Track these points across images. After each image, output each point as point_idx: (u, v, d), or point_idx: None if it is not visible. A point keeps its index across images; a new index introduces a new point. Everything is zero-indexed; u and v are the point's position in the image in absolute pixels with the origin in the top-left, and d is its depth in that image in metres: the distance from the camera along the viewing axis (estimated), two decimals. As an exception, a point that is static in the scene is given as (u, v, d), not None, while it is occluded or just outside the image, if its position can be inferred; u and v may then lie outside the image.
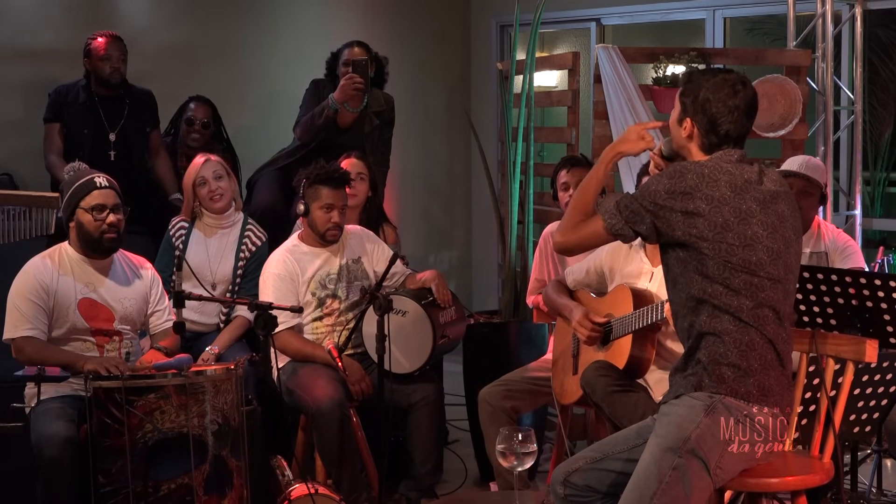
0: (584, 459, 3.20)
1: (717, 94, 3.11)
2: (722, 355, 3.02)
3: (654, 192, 3.04)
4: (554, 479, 3.21)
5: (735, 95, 3.11)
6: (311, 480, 3.95)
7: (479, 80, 8.00)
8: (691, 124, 3.15)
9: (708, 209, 3.00)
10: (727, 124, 3.11)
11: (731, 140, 3.13)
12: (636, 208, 3.07)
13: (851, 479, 4.26)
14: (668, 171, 3.07)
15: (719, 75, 3.16)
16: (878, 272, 4.34)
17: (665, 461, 2.98)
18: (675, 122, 3.21)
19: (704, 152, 3.16)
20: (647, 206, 3.05)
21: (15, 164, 5.64)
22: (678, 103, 3.21)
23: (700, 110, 3.12)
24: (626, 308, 3.88)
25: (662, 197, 3.03)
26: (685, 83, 3.20)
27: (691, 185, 3.01)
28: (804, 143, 5.96)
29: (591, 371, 3.86)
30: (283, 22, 6.91)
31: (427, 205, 7.93)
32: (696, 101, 3.13)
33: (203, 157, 4.88)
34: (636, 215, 3.07)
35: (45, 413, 3.83)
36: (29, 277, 4.03)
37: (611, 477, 3.16)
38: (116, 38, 5.47)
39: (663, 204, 3.03)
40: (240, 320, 4.72)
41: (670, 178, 3.04)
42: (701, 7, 7.06)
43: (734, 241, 3.01)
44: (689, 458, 2.98)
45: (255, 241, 4.87)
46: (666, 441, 3.01)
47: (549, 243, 4.90)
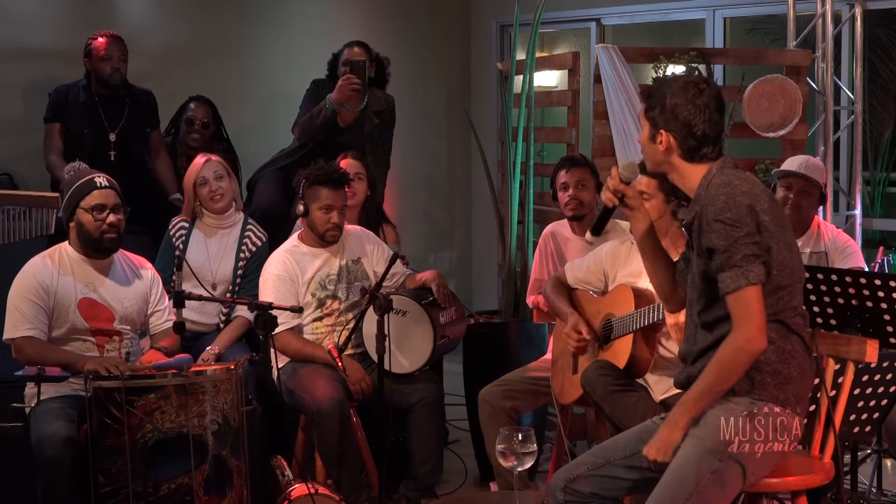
0: (584, 466, 3.18)
1: (684, 96, 3.06)
2: (764, 361, 3.00)
3: (744, 235, 2.94)
4: (553, 486, 3.20)
5: (701, 94, 3.07)
6: (311, 480, 3.94)
7: (479, 80, 8.00)
8: (666, 135, 3.09)
9: (769, 221, 2.98)
10: (701, 124, 3.06)
11: (709, 141, 3.08)
12: (748, 253, 2.94)
13: (851, 479, 4.26)
14: (723, 214, 2.95)
15: (680, 79, 3.12)
16: (878, 272, 4.34)
17: (704, 464, 2.96)
18: (648, 140, 3.14)
19: (687, 160, 3.10)
20: (754, 252, 2.95)
21: (15, 164, 5.64)
22: (644, 121, 3.14)
23: (671, 117, 3.07)
24: (626, 308, 3.88)
25: (751, 235, 2.95)
26: (647, 98, 3.15)
27: (749, 207, 2.96)
28: (804, 143, 5.96)
29: (592, 370, 3.86)
30: (284, 22, 6.91)
31: (427, 205, 7.93)
32: (665, 110, 3.08)
33: (204, 158, 4.88)
34: (754, 257, 2.95)
35: (45, 413, 3.83)
36: (29, 277, 4.02)
37: (614, 483, 3.15)
38: (117, 38, 5.47)
39: (757, 241, 2.95)
40: (240, 320, 4.72)
41: (736, 214, 2.94)
42: (701, 7, 7.07)
43: (783, 248, 3.01)
44: (728, 462, 2.97)
45: (256, 241, 4.87)
46: (705, 443, 2.98)
47: (549, 243, 4.90)
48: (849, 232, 5.85)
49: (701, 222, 3.02)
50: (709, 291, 3.05)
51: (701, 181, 3.09)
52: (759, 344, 2.94)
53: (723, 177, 3.04)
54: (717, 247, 2.95)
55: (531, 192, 5.79)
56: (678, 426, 3.01)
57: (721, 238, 2.95)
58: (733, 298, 2.94)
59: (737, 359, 2.95)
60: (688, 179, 3.13)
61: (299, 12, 6.97)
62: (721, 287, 2.96)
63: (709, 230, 2.98)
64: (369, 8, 7.42)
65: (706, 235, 2.99)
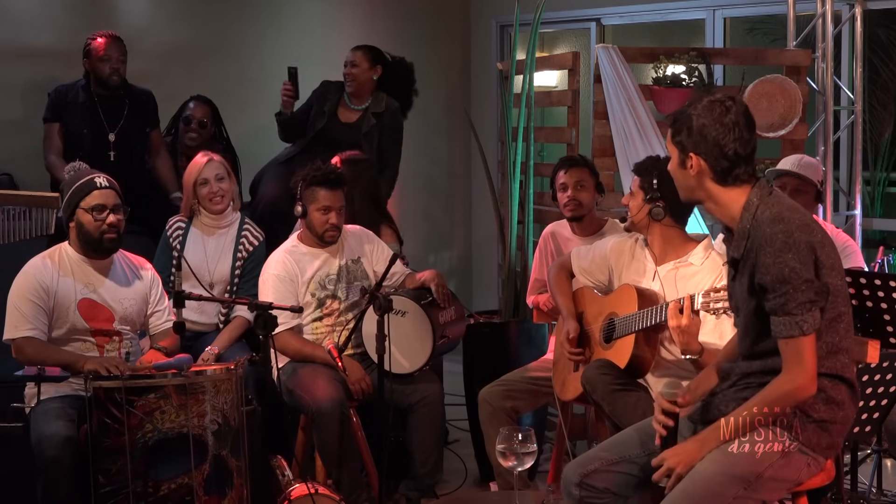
0: (599, 461, 3.17)
1: (711, 116, 2.97)
2: (811, 408, 2.98)
3: (802, 282, 2.87)
4: (567, 480, 3.18)
5: (728, 111, 2.97)
6: (311, 480, 3.94)
7: (479, 80, 8.00)
8: (696, 159, 2.99)
9: (825, 255, 2.93)
10: (732, 143, 2.96)
11: (741, 160, 2.98)
12: (804, 301, 2.88)
13: (851, 479, 4.26)
14: (782, 255, 2.87)
15: (705, 99, 3.02)
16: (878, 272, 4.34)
17: (732, 488, 2.95)
18: (677, 167, 3.06)
19: (720, 183, 3.00)
20: (810, 298, 2.89)
21: (15, 164, 5.64)
22: (672, 148, 3.05)
23: (700, 139, 2.97)
24: (630, 307, 3.88)
25: (810, 282, 2.88)
26: (672, 124, 3.05)
27: (809, 245, 2.90)
28: (804, 143, 5.96)
29: (592, 369, 3.86)
30: (284, 22, 6.91)
31: (427, 205, 7.93)
32: (693, 132, 2.98)
33: (206, 157, 4.87)
34: (810, 304, 2.89)
35: (45, 413, 3.83)
36: (29, 278, 4.02)
37: (630, 480, 3.16)
38: (116, 38, 5.46)
39: (816, 287, 2.90)
40: (239, 320, 4.72)
41: (796, 256, 2.87)
42: (701, 7, 7.06)
43: (836, 277, 2.97)
44: (752, 490, 2.96)
45: (252, 240, 4.87)
46: (737, 469, 2.96)
47: (549, 243, 4.90)
48: (849, 232, 5.85)
49: (756, 262, 2.93)
50: (760, 326, 3.00)
51: (743, 213, 2.99)
52: (808, 392, 2.93)
53: (771, 208, 2.95)
54: (775, 290, 2.89)
55: (531, 192, 5.79)
56: (707, 446, 2.99)
57: (779, 281, 2.88)
58: (785, 345, 2.92)
59: (783, 401, 2.94)
60: (725, 207, 3.03)
61: (300, 12, 6.97)
62: (774, 331, 2.93)
63: (766, 273, 2.90)
64: (369, 7, 7.42)
65: (763, 279, 2.91)
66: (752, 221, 2.96)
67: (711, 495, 2.95)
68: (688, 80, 5.81)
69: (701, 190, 3.04)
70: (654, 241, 3.97)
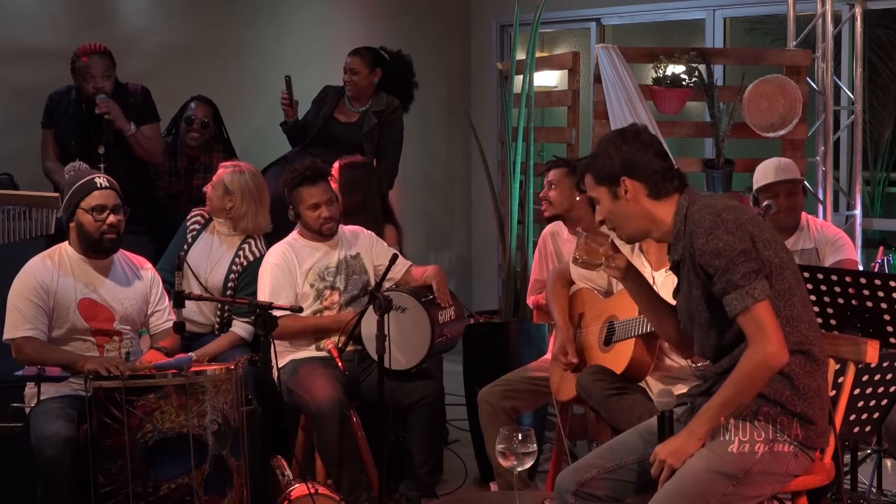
0: (595, 468, 3.17)
1: (626, 143, 3.07)
2: (789, 401, 2.99)
3: (738, 252, 2.91)
4: (562, 488, 3.17)
5: (639, 135, 3.09)
6: (311, 480, 3.94)
7: (479, 80, 8.00)
8: (629, 181, 3.06)
9: (758, 231, 2.97)
10: (655, 157, 3.06)
11: (669, 171, 3.07)
12: (747, 270, 2.91)
13: (851, 479, 4.26)
14: (713, 232, 2.93)
15: (609, 135, 3.15)
16: (878, 272, 4.34)
17: (720, 486, 2.95)
18: (611, 203, 3.10)
19: (655, 197, 3.08)
20: (753, 268, 2.92)
21: (15, 164, 5.63)
22: (599, 189, 3.11)
23: (620, 164, 3.06)
24: (630, 311, 3.87)
25: (747, 252, 2.92)
26: (590, 170, 3.11)
27: (737, 221, 2.94)
28: (804, 143, 5.96)
29: (586, 376, 3.87)
30: (284, 22, 6.91)
31: (427, 205, 7.94)
32: (613, 163, 3.06)
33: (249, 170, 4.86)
34: (755, 273, 2.91)
35: (45, 413, 3.83)
36: (29, 277, 4.02)
37: (626, 486, 3.16)
38: (101, 52, 5.31)
39: (754, 256, 2.92)
40: (231, 335, 4.67)
41: (726, 230, 2.92)
42: (701, 7, 7.07)
43: (780, 250, 3.01)
44: (742, 487, 2.97)
45: (248, 255, 4.79)
46: (724, 466, 2.96)
47: (549, 244, 4.89)
48: (849, 232, 5.85)
49: (694, 251, 2.98)
50: (718, 318, 3.02)
51: (674, 218, 3.07)
52: (780, 357, 2.92)
53: (699, 202, 3.04)
54: (715, 269, 2.93)
55: (531, 192, 5.79)
56: (697, 436, 2.99)
57: (715, 256, 2.93)
58: (743, 319, 2.92)
59: (757, 373, 2.93)
60: (661, 222, 3.10)
61: (300, 12, 6.97)
62: (728, 310, 2.94)
63: (702, 254, 2.95)
64: (369, 7, 7.42)
65: (702, 260, 2.96)
66: (684, 222, 3.04)
67: (699, 494, 2.95)
68: (688, 80, 5.82)
69: (642, 215, 3.10)
70: (650, 248, 3.99)
